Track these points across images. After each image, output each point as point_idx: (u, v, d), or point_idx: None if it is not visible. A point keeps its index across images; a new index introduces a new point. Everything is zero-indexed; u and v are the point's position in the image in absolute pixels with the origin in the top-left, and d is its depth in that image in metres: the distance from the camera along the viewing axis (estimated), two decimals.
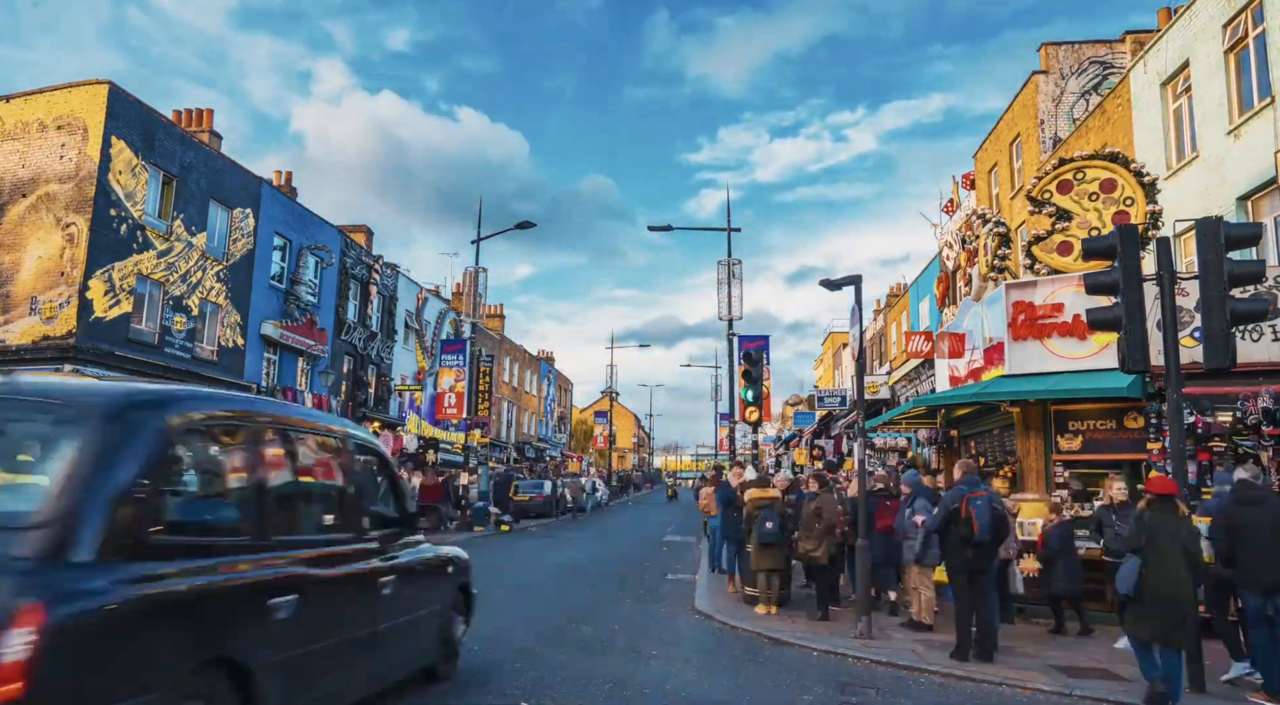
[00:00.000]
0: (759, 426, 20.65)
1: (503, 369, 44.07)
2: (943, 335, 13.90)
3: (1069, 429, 10.89)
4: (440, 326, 36.30)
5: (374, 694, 4.97)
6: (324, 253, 26.02)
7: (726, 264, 19.69)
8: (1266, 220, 12.22)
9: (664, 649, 7.96)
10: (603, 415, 59.45)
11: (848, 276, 10.24)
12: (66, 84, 18.07)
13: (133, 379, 16.37)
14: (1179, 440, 7.23)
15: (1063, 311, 10.98)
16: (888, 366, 33.12)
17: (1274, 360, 9.57)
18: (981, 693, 6.74)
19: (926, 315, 27.43)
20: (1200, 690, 6.65)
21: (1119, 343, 7.49)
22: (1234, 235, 7.19)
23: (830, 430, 30.28)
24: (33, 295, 17.06)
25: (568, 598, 11.01)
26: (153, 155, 18.84)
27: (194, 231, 20.22)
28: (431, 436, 31.94)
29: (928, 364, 22.27)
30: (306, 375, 25.53)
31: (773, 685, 6.72)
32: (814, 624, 9.31)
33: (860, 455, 9.85)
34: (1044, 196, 11.99)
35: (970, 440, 13.63)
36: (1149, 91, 15.01)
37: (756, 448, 54.15)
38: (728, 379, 19.17)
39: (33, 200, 17.51)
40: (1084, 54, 20.34)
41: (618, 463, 73.56)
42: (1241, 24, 12.63)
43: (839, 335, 48.54)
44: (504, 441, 43.88)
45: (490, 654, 7.34)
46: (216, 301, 21.11)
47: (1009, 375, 11.22)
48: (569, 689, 6.26)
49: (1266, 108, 11.96)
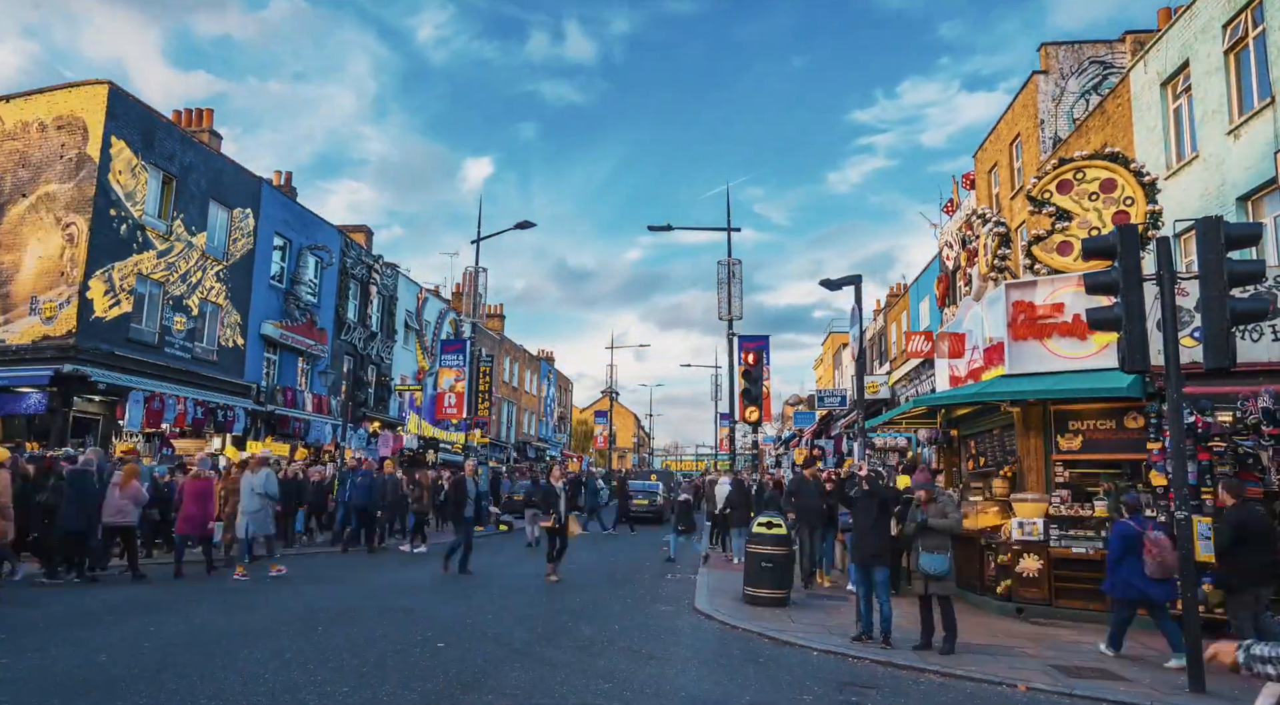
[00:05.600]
0: (759, 426, 20.62)
1: (503, 369, 44.06)
2: (943, 335, 13.89)
3: (1069, 429, 10.88)
4: (440, 326, 36.31)
5: (375, 692, 4.94)
6: (324, 252, 26.03)
7: (727, 264, 19.67)
8: (1266, 220, 12.22)
9: (664, 649, 7.96)
10: (603, 415, 59.42)
11: (848, 276, 10.25)
12: (66, 84, 18.08)
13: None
14: (1179, 440, 7.23)
15: (1063, 311, 10.97)
16: (888, 366, 33.12)
17: (1274, 360, 9.57)
18: (981, 692, 6.74)
19: (926, 315, 27.43)
20: (1200, 691, 6.66)
21: (1119, 343, 7.49)
22: (1234, 235, 7.19)
23: (830, 430, 30.28)
24: (33, 295, 17.06)
25: (567, 597, 11.01)
26: (153, 155, 18.84)
27: (194, 231, 20.22)
28: (431, 436, 31.95)
29: (928, 364, 22.26)
30: (306, 375, 25.53)
31: (773, 685, 6.72)
32: (814, 624, 9.32)
33: (860, 455, 9.86)
34: (1044, 196, 11.98)
35: (970, 440, 13.62)
36: (1149, 91, 15.01)
37: (756, 448, 54.14)
38: (728, 379, 19.17)
39: (33, 200, 17.52)
40: (1084, 54, 20.34)
41: (617, 462, 73.50)
42: (1241, 24, 12.62)
43: (839, 335, 48.54)
44: (504, 441, 43.87)
45: (490, 653, 7.34)
46: (216, 301, 21.10)
47: (1009, 375, 11.21)
48: (569, 689, 6.25)
49: (1266, 108, 11.96)
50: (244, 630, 7.93)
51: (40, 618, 8.30)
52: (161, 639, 7.39)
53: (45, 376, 15.71)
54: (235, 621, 8.40)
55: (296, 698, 5.67)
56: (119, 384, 16.94)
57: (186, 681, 5.97)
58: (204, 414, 18.90)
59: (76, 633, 7.58)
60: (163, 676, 6.09)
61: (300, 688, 5.91)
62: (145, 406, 17.08)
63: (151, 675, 6.12)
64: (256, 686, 5.90)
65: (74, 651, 6.82)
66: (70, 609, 8.84)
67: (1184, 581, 7.10)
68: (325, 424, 24.57)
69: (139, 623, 8.14)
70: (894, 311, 33.75)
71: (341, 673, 6.39)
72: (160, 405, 17.45)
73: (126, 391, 16.92)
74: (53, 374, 15.76)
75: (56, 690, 5.66)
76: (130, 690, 5.70)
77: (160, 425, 17.70)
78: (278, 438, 22.63)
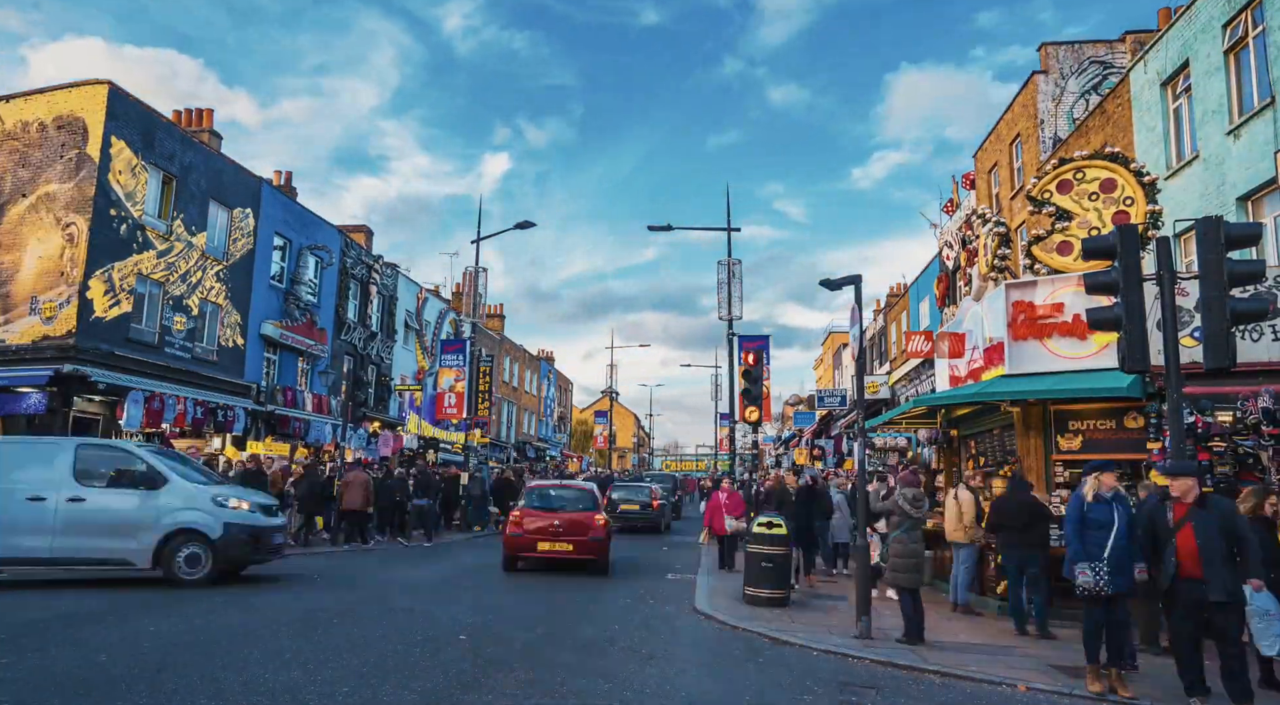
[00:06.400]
0: (759, 426, 20.63)
1: (502, 369, 44.06)
2: (943, 335, 13.89)
3: (1069, 429, 10.88)
4: (440, 326, 36.31)
5: (375, 691, 4.94)
6: (324, 252, 26.03)
7: (727, 264, 19.67)
8: (1266, 220, 12.22)
9: (664, 649, 7.96)
10: (603, 415, 59.41)
11: (848, 276, 10.24)
12: (66, 84, 18.07)
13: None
14: (1179, 440, 7.23)
15: (1063, 311, 10.97)
16: (888, 366, 33.12)
17: (1274, 360, 9.56)
18: (981, 692, 6.75)
19: (926, 315, 27.43)
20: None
21: (1119, 343, 7.49)
22: (1234, 235, 7.19)
23: (830, 430, 30.29)
24: (33, 295, 17.06)
25: (567, 597, 11.01)
26: (153, 155, 18.84)
27: (194, 231, 20.22)
28: (432, 436, 31.96)
29: (928, 364, 22.26)
30: (306, 375, 25.54)
31: (773, 685, 6.72)
32: (814, 624, 9.32)
33: (860, 455, 9.86)
34: (1044, 196, 11.97)
35: (970, 440, 13.61)
36: (1149, 91, 15.01)
37: (756, 448, 54.24)
38: (728, 379, 19.17)
39: (33, 200, 17.52)
40: (1084, 54, 20.35)
41: (617, 463, 73.49)
42: (1241, 24, 12.62)
43: (839, 335, 48.54)
44: (504, 441, 43.88)
45: (490, 653, 7.33)
46: (216, 301, 21.11)
47: (1009, 375, 11.21)
48: (569, 689, 6.25)
49: (1266, 108, 11.96)
50: (244, 630, 7.93)
51: (40, 618, 8.30)
52: (161, 639, 7.39)
53: (45, 376, 15.71)
54: (235, 621, 8.40)
55: (297, 698, 5.67)
56: (119, 384, 16.94)
57: (186, 681, 5.97)
58: (204, 414, 18.90)
59: (76, 633, 7.58)
60: (163, 676, 6.09)
61: (300, 688, 5.91)
62: (145, 406, 17.07)
63: (151, 675, 6.11)
64: (256, 687, 5.90)
65: (74, 651, 6.82)
66: (70, 609, 8.84)
67: None
68: (325, 424, 24.57)
69: (139, 623, 8.14)
70: (894, 311, 33.75)
71: (342, 672, 6.39)
72: (160, 405, 17.45)
73: (126, 391, 16.92)
74: (52, 374, 15.75)
75: (56, 690, 5.66)
76: (130, 690, 5.70)
77: (160, 425, 17.70)
78: (278, 438, 22.64)
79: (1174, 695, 6.53)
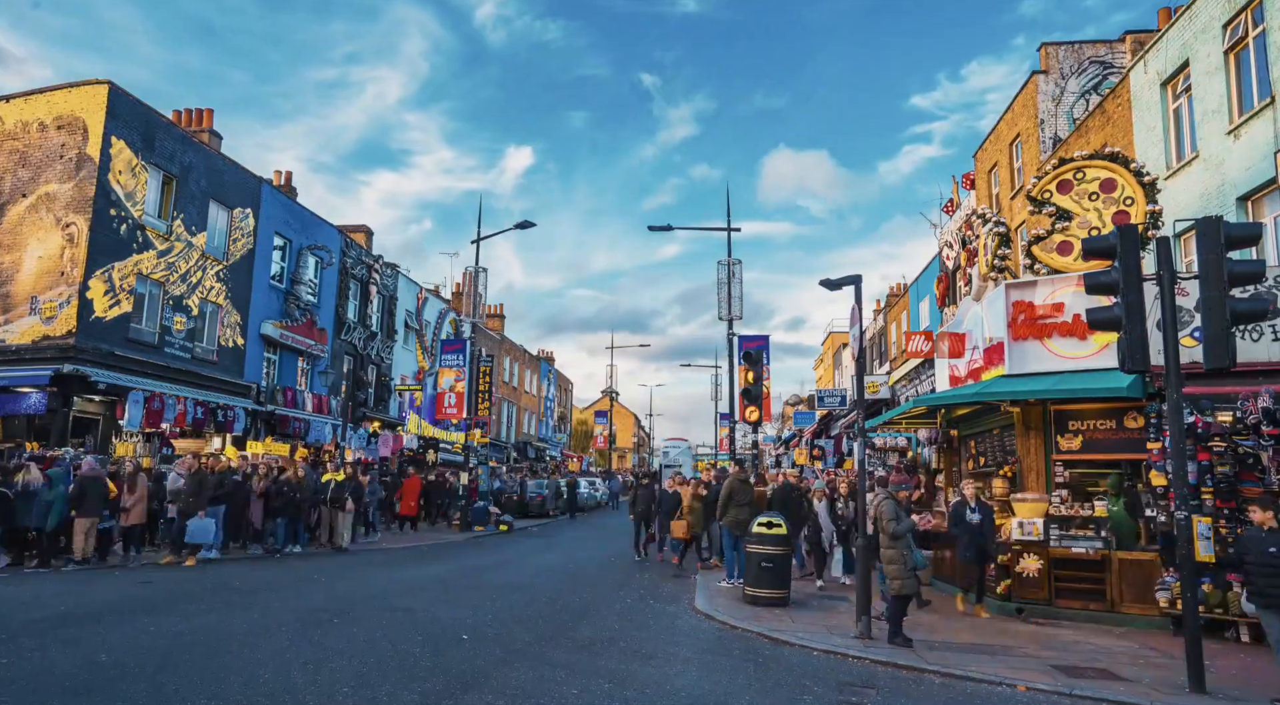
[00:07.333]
0: (759, 426, 20.63)
1: (502, 369, 44.06)
2: (943, 335, 13.89)
3: (1069, 429, 10.88)
4: (440, 326, 36.30)
5: (375, 691, 4.94)
6: (324, 252, 26.02)
7: (727, 264, 19.68)
8: (1266, 220, 12.21)
9: (664, 649, 7.96)
10: (603, 415, 59.40)
11: (848, 276, 10.24)
12: (66, 84, 18.07)
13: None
14: (1179, 440, 7.23)
15: (1063, 311, 10.97)
16: (888, 366, 33.11)
17: (1274, 360, 9.57)
18: (981, 692, 6.75)
19: (926, 315, 27.42)
20: (1200, 691, 6.66)
21: (1119, 343, 7.49)
22: (1234, 235, 7.19)
23: (830, 430, 30.26)
24: (33, 295, 17.06)
25: (567, 597, 11.01)
26: (153, 155, 18.84)
27: (194, 231, 20.22)
28: (432, 436, 31.93)
29: (928, 364, 22.26)
30: (306, 375, 25.53)
31: (773, 685, 6.72)
32: (814, 624, 9.31)
33: (860, 455, 9.85)
34: (1044, 196, 11.98)
35: (970, 440, 13.61)
36: (1149, 91, 15.01)
37: (756, 448, 54.16)
38: (728, 379, 19.17)
39: (33, 200, 17.52)
40: (1084, 54, 20.34)
41: (617, 463, 73.51)
42: (1241, 24, 12.62)
43: (839, 335, 48.55)
44: (504, 441, 43.87)
45: (490, 653, 7.34)
46: (216, 301, 21.10)
47: (1009, 375, 11.21)
48: (569, 689, 6.25)
49: (1266, 108, 11.96)
50: (244, 630, 7.93)
51: (40, 618, 8.30)
52: (161, 639, 7.39)
53: (45, 376, 15.70)
54: (235, 621, 8.40)
55: (297, 698, 5.67)
56: (119, 384, 16.94)
57: (186, 681, 5.97)
58: (204, 414, 18.89)
59: (76, 633, 7.58)
60: (162, 676, 6.09)
61: (300, 688, 5.91)
62: (145, 406, 17.07)
63: (151, 675, 6.12)
64: (257, 686, 5.90)
65: (74, 651, 6.82)
66: (70, 609, 8.84)
67: (1184, 581, 7.09)
68: (325, 424, 24.56)
69: (139, 623, 8.14)
70: (894, 311, 33.75)
71: (342, 672, 6.39)
72: (160, 405, 17.45)
73: (126, 391, 16.91)
74: (53, 374, 15.74)
75: (56, 690, 5.66)
76: (130, 690, 5.70)
77: (160, 425, 17.70)
78: (278, 438, 22.63)
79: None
